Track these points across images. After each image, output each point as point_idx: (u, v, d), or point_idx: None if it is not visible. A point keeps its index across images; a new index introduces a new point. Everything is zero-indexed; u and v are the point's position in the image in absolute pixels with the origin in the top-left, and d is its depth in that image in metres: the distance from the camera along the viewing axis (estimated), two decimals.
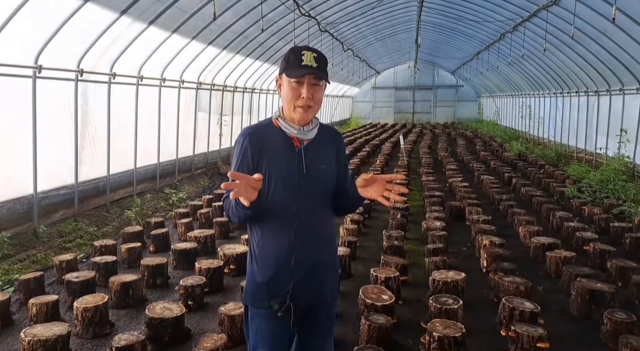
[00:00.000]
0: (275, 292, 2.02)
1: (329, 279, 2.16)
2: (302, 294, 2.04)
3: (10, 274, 5.30)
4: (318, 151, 2.09)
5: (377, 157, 14.41)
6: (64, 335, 3.41)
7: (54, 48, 6.31)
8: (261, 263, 2.06)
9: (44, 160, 6.52)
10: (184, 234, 6.37)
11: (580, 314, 4.27)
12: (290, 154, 2.03)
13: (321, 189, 2.10)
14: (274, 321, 2.05)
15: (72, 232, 6.82)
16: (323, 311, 2.18)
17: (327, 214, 2.15)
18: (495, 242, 5.76)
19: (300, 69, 1.95)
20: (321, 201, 2.10)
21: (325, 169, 2.10)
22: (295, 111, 2.00)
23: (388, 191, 1.99)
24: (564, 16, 10.67)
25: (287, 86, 2.00)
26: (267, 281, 2.04)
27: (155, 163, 9.59)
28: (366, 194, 2.04)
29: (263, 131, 2.07)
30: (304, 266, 2.04)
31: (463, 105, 33.72)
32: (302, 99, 1.97)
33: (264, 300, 2.04)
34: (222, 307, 3.87)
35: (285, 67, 2.00)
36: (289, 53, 2.01)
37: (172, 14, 8.01)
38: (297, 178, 2.01)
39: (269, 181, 2.00)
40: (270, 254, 2.04)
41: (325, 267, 2.12)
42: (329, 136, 2.18)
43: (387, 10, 16.67)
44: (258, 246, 2.07)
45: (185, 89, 10.58)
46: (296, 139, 2.04)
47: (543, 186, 10.18)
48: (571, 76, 14.05)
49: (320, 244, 2.10)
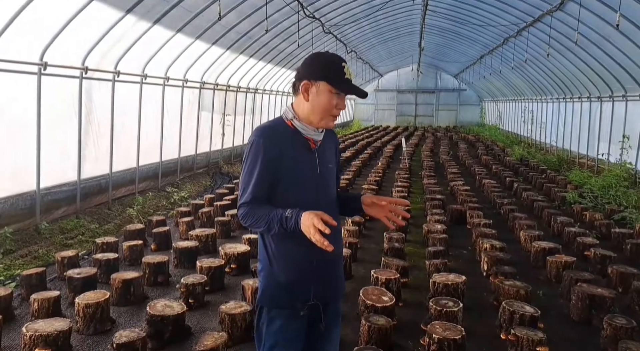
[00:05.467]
0: (300, 292, 2.06)
1: (340, 275, 2.24)
2: (322, 291, 2.09)
3: (12, 269, 5.32)
4: (326, 151, 2.18)
5: (378, 159, 14.42)
6: (65, 330, 3.43)
7: (59, 45, 6.34)
8: (282, 263, 2.06)
9: (47, 157, 6.54)
10: (185, 232, 6.38)
11: (580, 319, 4.27)
12: (308, 155, 2.09)
13: (331, 187, 2.20)
14: (294, 321, 2.06)
15: (74, 229, 6.83)
16: (334, 308, 2.23)
17: (336, 210, 2.22)
18: (495, 246, 5.77)
19: (345, 84, 2.02)
20: (332, 198, 2.20)
21: (332, 168, 2.20)
22: (327, 119, 2.06)
23: (392, 213, 2.11)
24: (568, 22, 10.68)
25: (326, 95, 2.02)
26: (291, 281, 2.05)
27: (157, 162, 9.61)
28: (370, 212, 2.15)
29: (279, 131, 2.06)
30: (324, 263, 2.08)
31: (465, 109, 33.74)
32: (338, 109, 2.05)
33: (288, 300, 2.05)
34: (223, 306, 3.88)
35: (329, 76, 2.00)
36: (328, 62, 2.03)
37: (177, 14, 8.04)
38: (313, 178, 2.08)
39: (287, 182, 2.03)
40: (292, 254, 2.05)
41: (338, 263, 2.21)
42: (330, 136, 2.25)
43: (391, 13, 16.69)
44: (277, 247, 2.06)
45: (188, 88, 10.61)
46: (312, 141, 2.09)
47: (544, 191, 10.18)
48: (574, 81, 14.05)
49: (336, 240, 2.12)
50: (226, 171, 12.45)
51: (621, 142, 10.96)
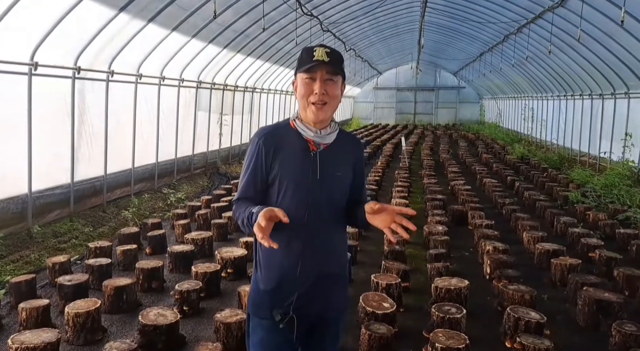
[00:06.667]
0: (278, 302, 1.92)
1: (336, 293, 2.05)
2: (307, 306, 1.94)
3: (2, 275, 5.18)
4: (335, 158, 1.99)
5: (378, 158, 14.28)
6: (54, 342, 3.28)
7: (50, 45, 6.18)
8: (265, 270, 1.96)
9: (39, 159, 6.39)
10: (182, 235, 6.24)
11: (587, 325, 4.14)
12: (304, 158, 1.94)
13: (334, 198, 2.00)
14: (275, 334, 1.94)
15: (68, 232, 6.70)
16: (328, 327, 2.07)
17: (338, 223, 2.05)
18: (498, 248, 5.64)
19: (311, 63, 1.88)
20: (333, 209, 2.00)
21: (340, 177, 2.00)
22: (309, 108, 1.91)
23: (396, 224, 1.87)
24: (570, 18, 10.53)
25: (300, 83, 1.92)
26: (270, 289, 1.94)
27: (153, 163, 9.46)
28: (373, 221, 1.92)
29: (279, 132, 1.99)
30: (310, 276, 1.93)
31: (465, 107, 33.64)
32: (315, 94, 1.88)
33: (267, 310, 1.94)
34: (218, 314, 3.74)
35: (301, 65, 1.92)
36: (302, 52, 1.94)
37: (171, 12, 7.88)
38: (309, 183, 1.92)
39: (280, 184, 1.92)
40: (276, 261, 1.94)
41: (332, 279, 2.01)
42: (349, 144, 2.08)
43: (390, 11, 16.54)
44: (263, 253, 1.97)
45: (185, 88, 10.46)
46: (312, 143, 1.95)
47: (546, 190, 10.05)
48: (575, 78, 13.92)
49: (328, 255, 1.99)
50: (224, 171, 12.32)
51: (623, 140, 10.84)
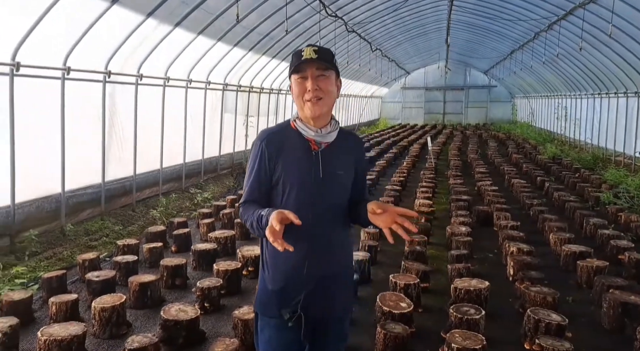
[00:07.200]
0: (286, 301, 1.96)
1: (342, 292, 2.08)
2: (314, 305, 1.97)
3: (36, 271, 5.42)
4: (337, 156, 2.01)
5: (404, 159, 14.18)
6: (80, 335, 3.44)
7: (82, 50, 6.44)
8: (272, 270, 2.00)
9: (72, 160, 6.66)
10: (206, 234, 6.39)
11: (612, 328, 4.03)
12: (306, 158, 1.96)
13: (337, 196, 2.03)
14: (284, 332, 1.98)
15: (99, 231, 6.94)
16: (334, 326, 2.10)
17: (342, 222, 2.07)
18: (523, 249, 5.53)
19: (300, 62, 1.92)
20: (337, 208, 2.03)
21: (342, 175, 2.02)
22: (305, 106, 1.94)
23: (397, 225, 1.84)
24: (602, 14, 10.22)
25: (294, 84, 1.97)
26: (278, 289, 1.98)
27: (181, 163, 9.70)
28: (374, 221, 1.91)
29: (281, 133, 2.02)
30: (316, 275, 1.97)
31: (496, 106, 32.92)
32: (309, 92, 1.91)
33: (275, 309, 1.98)
34: (236, 311, 3.82)
35: (290, 68, 1.98)
36: (292, 56, 1.99)
37: (197, 16, 8.07)
38: (312, 183, 1.95)
39: (284, 185, 1.96)
40: (282, 261, 1.97)
41: (338, 278, 2.05)
42: (350, 142, 2.10)
43: (416, 10, 16.40)
44: (270, 253, 2.01)
45: (211, 90, 10.66)
46: (313, 142, 1.98)
47: (578, 190, 9.77)
48: (609, 76, 13.48)
49: (334, 254, 2.03)
50: None
51: None
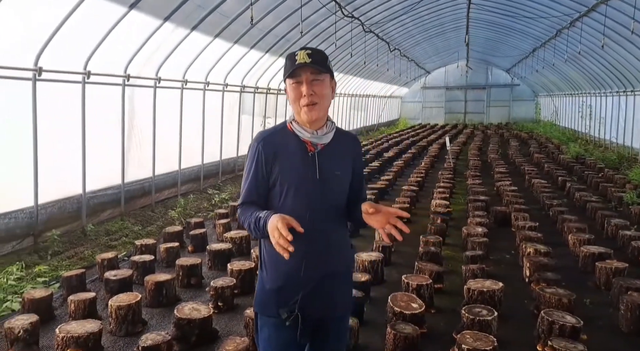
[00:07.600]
0: (284, 301, 1.98)
1: (341, 291, 2.09)
2: (312, 305, 1.98)
3: (58, 270, 5.58)
4: (333, 157, 2.02)
5: (422, 159, 14.07)
6: (96, 332, 3.53)
7: (101, 54, 6.60)
8: (271, 270, 2.02)
9: (92, 161, 6.84)
10: (222, 234, 6.47)
11: (630, 330, 3.94)
12: (303, 159, 1.98)
13: (335, 197, 2.04)
14: (283, 331, 2.00)
15: (119, 231, 7.10)
16: (333, 325, 2.11)
17: (340, 222, 2.09)
18: (540, 250, 5.44)
19: (294, 67, 1.93)
20: (334, 208, 2.04)
21: (340, 176, 2.03)
22: (302, 111, 1.95)
23: (390, 225, 1.87)
24: (624, 9, 9.97)
25: (289, 89, 1.98)
26: (276, 289, 2.00)
27: (199, 164, 9.84)
28: (369, 221, 1.94)
29: (277, 135, 2.04)
30: (314, 275, 1.98)
31: (519, 105, 32.34)
32: (304, 97, 1.93)
33: (273, 308, 2.00)
34: (248, 310, 3.87)
35: (284, 72, 1.99)
36: (285, 59, 2.00)
37: (214, 19, 8.18)
38: (309, 184, 1.96)
39: (281, 186, 1.97)
40: (280, 261, 1.97)
41: (337, 278, 2.06)
42: (346, 142, 2.10)
43: (434, 9, 16.27)
44: (268, 253, 2.03)
45: (229, 92, 10.79)
46: (310, 144, 1.99)
47: (600, 191, 9.55)
48: (635, 73, 13.12)
49: (332, 254, 2.04)
50: None
51: None
